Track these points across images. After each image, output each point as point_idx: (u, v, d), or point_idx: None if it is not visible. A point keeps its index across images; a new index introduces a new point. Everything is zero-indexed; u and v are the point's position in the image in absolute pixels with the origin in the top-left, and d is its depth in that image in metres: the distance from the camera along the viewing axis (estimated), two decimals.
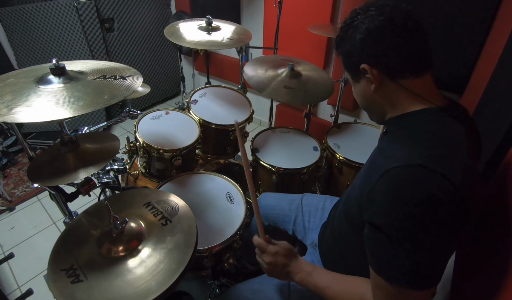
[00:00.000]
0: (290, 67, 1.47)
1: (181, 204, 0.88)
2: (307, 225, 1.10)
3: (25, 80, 0.87)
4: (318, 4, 1.97)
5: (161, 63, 3.15)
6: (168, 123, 1.41)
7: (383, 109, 0.72)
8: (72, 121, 2.62)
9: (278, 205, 1.19)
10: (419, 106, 0.66)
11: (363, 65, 0.67)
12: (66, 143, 0.94)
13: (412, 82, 0.65)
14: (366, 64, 0.67)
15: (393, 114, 0.70)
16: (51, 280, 0.69)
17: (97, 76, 0.93)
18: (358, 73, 0.70)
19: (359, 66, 0.68)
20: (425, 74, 0.66)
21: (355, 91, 0.76)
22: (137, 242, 0.76)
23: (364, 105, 0.77)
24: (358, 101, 0.78)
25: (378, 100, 0.71)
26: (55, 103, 0.78)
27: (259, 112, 2.78)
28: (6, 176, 2.30)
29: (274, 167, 1.39)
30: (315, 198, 1.17)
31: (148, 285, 0.66)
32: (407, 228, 0.55)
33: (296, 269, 0.80)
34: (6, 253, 1.69)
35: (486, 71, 1.29)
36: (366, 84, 0.70)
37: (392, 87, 0.67)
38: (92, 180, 1.01)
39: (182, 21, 1.60)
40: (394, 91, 0.67)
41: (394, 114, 0.70)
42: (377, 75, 0.66)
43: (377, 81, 0.67)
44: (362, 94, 0.74)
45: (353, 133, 1.65)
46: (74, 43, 2.46)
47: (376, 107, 0.73)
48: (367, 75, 0.68)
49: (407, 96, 0.67)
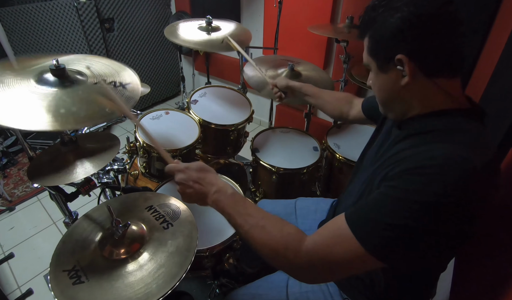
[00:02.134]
0: (290, 67, 1.47)
1: (182, 207, 0.88)
2: (301, 227, 1.09)
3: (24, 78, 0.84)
4: (318, 4, 1.97)
5: (161, 63, 3.15)
6: (168, 123, 1.41)
7: (409, 106, 0.64)
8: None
9: (274, 211, 1.18)
10: (446, 106, 0.61)
11: (400, 55, 0.58)
12: (66, 143, 0.94)
13: (445, 82, 0.60)
14: (404, 55, 0.58)
15: (416, 111, 0.63)
16: (53, 281, 0.69)
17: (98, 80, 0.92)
18: (388, 63, 0.61)
19: (394, 55, 0.59)
20: (457, 77, 0.61)
21: (377, 82, 0.67)
22: (139, 245, 0.76)
23: (385, 100, 0.68)
24: (377, 94, 0.69)
25: (405, 96, 0.63)
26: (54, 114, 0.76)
27: (259, 112, 2.78)
28: (6, 176, 2.30)
29: (274, 167, 1.39)
30: (309, 201, 1.18)
31: (149, 288, 0.66)
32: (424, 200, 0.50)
33: (212, 188, 0.72)
34: (6, 253, 1.69)
35: (486, 71, 1.29)
36: (395, 76, 0.62)
37: (424, 84, 0.60)
38: (92, 180, 1.01)
39: (182, 21, 1.60)
40: (425, 88, 0.61)
41: (417, 112, 0.63)
42: (413, 70, 0.58)
43: (411, 76, 0.59)
44: (387, 87, 0.65)
45: (353, 133, 1.65)
46: (74, 43, 2.46)
47: (401, 103, 0.65)
48: (399, 67, 0.60)
49: (437, 94, 0.60)
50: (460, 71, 0.60)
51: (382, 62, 0.63)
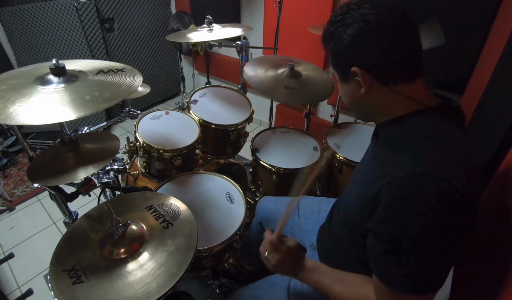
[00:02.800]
0: (290, 67, 1.47)
1: (182, 208, 0.88)
2: (304, 226, 1.10)
3: (25, 81, 0.86)
4: (318, 4, 1.97)
5: (161, 63, 3.15)
6: (168, 123, 1.41)
7: (373, 111, 0.69)
8: (72, 121, 2.62)
9: (276, 209, 1.19)
10: (411, 109, 0.64)
11: (354, 68, 0.63)
12: (66, 143, 0.94)
13: (404, 87, 0.63)
14: (357, 68, 0.62)
15: (385, 118, 0.67)
16: (53, 280, 0.69)
17: (97, 72, 0.94)
18: (348, 75, 0.66)
19: (349, 67, 0.64)
20: (417, 79, 0.63)
21: (342, 91, 0.73)
22: (139, 244, 0.76)
23: (351, 107, 0.73)
24: (345, 102, 0.75)
25: (367, 103, 0.68)
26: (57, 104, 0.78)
27: (259, 112, 2.78)
28: (6, 176, 2.30)
29: (274, 167, 1.39)
30: (312, 200, 1.18)
31: (149, 287, 0.66)
32: (412, 237, 0.54)
33: (299, 269, 0.79)
34: (6, 253, 1.69)
35: (486, 71, 1.29)
36: (355, 86, 0.66)
37: (384, 92, 0.64)
38: (92, 180, 1.01)
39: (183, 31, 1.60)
40: (386, 95, 0.64)
41: (385, 118, 0.67)
42: (368, 80, 0.63)
43: (367, 85, 0.63)
44: (350, 95, 0.70)
45: (353, 133, 1.65)
46: (74, 43, 2.46)
47: (365, 110, 0.71)
48: (357, 78, 0.64)
49: (399, 100, 0.64)
50: (420, 73, 0.63)
51: (342, 74, 0.68)
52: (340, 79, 0.70)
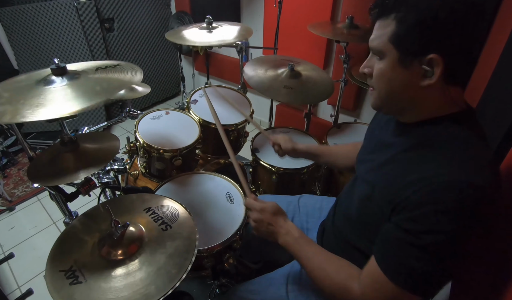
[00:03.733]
0: (290, 67, 1.47)
1: (181, 210, 0.88)
2: (306, 225, 1.10)
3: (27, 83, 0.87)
4: (318, 4, 1.97)
5: (161, 63, 3.15)
6: (168, 123, 1.41)
7: (414, 107, 0.59)
8: (72, 121, 2.61)
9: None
10: (449, 111, 0.58)
11: (433, 55, 0.50)
12: (66, 143, 0.94)
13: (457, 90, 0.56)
14: (438, 56, 0.49)
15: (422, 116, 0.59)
16: (50, 281, 0.69)
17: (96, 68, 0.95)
18: (414, 59, 0.52)
19: (425, 53, 0.50)
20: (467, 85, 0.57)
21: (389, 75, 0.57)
22: (137, 246, 0.76)
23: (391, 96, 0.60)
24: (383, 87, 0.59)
25: (416, 97, 0.57)
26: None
27: (259, 112, 2.78)
28: (6, 176, 2.30)
29: (274, 167, 1.39)
30: (312, 199, 1.18)
31: (148, 289, 0.66)
32: (439, 239, 0.53)
33: (282, 230, 0.79)
34: (6, 253, 1.69)
35: (486, 71, 1.29)
36: (416, 75, 0.53)
37: (442, 89, 0.54)
38: (92, 180, 1.01)
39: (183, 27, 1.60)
40: (440, 93, 0.55)
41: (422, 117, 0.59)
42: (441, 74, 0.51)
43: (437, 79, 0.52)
44: (401, 84, 0.56)
45: (353, 133, 1.65)
46: (74, 43, 2.46)
47: (406, 104, 0.60)
48: (425, 67, 0.52)
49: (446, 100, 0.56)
50: None
51: (406, 56, 0.53)
52: (398, 62, 0.55)
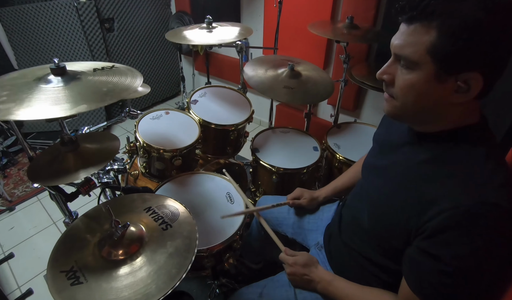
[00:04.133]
0: (290, 67, 1.47)
1: (181, 209, 0.88)
2: (307, 226, 1.10)
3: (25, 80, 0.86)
4: (318, 4, 1.97)
5: (161, 63, 3.15)
6: (168, 123, 1.41)
7: (434, 120, 0.58)
8: (72, 121, 2.62)
9: (276, 208, 1.18)
10: (466, 123, 0.57)
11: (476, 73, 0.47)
12: (66, 143, 0.94)
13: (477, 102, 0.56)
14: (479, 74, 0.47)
15: (441, 126, 0.58)
16: (51, 282, 0.69)
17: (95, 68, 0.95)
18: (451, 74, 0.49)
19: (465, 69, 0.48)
20: None
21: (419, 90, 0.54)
22: (138, 246, 0.76)
23: (417, 108, 0.57)
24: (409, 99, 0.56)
25: (443, 110, 0.56)
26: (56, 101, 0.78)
27: (259, 112, 2.78)
28: (6, 176, 2.30)
29: (274, 167, 1.39)
30: None
31: (148, 288, 0.66)
32: (467, 264, 0.53)
33: (316, 278, 0.82)
34: (6, 253, 1.69)
35: None
36: (450, 91, 0.51)
37: (468, 103, 0.53)
38: (92, 179, 1.01)
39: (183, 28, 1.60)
40: (467, 107, 0.55)
41: (442, 127, 0.58)
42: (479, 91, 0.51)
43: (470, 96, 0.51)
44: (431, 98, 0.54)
45: (353, 133, 1.65)
46: (74, 43, 2.46)
47: (427, 116, 0.58)
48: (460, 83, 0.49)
49: (464, 113, 0.56)
50: None
51: (444, 70, 0.49)
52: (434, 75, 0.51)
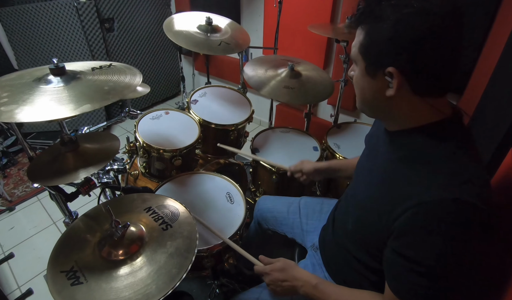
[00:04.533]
0: (290, 67, 1.47)
1: (181, 209, 0.88)
2: (305, 227, 1.10)
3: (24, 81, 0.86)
4: (318, 4, 1.97)
5: (161, 63, 3.15)
6: (168, 123, 1.41)
7: (391, 116, 0.63)
8: (72, 121, 2.62)
9: (275, 208, 1.18)
10: (431, 119, 0.58)
11: (391, 68, 0.54)
12: (66, 143, 0.94)
13: (434, 100, 0.57)
14: (395, 69, 0.53)
15: (402, 125, 0.61)
16: (51, 282, 0.69)
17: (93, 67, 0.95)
18: (378, 69, 0.56)
19: (385, 65, 0.54)
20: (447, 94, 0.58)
21: (361, 82, 0.62)
22: (138, 246, 0.76)
23: (366, 103, 0.64)
24: (359, 93, 0.64)
25: (388, 106, 0.60)
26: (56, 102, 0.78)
27: (259, 112, 2.78)
28: (6, 176, 2.30)
29: (274, 167, 1.39)
30: (313, 201, 1.17)
31: (149, 289, 0.66)
32: (439, 264, 0.53)
33: (298, 283, 0.79)
34: (6, 253, 1.69)
35: (486, 71, 1.29)
36: (381, 85, 0.57)
37: (410, 99, 0.57)
38: (92, 179, 1.01)
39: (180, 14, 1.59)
40: (411, 102, 0.57)
41: (403, 126, 0.61)
42: (401, 85, 0.55)
43: (397, 90, 0.55)
44: (370, 92, 0.61)
45: (353, 133, 1.65)
46: (74, 43, 2.46)
47: (382, 112, 0.63)
48: (387, 78, 0.56)
49: (423, 109, 0.58)
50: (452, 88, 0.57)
51: (372, 67, 0.58)
52: (365, 71, 0.59)
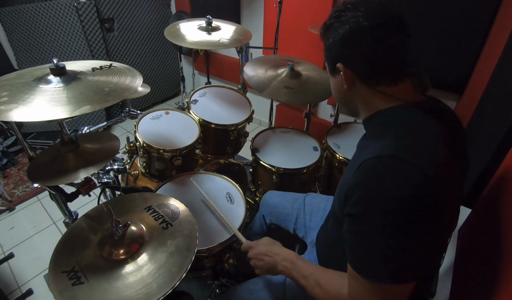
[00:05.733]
0: (290, 67, 1.47)
1: (181, 208, 0.88)
2: (308, 223, 1.11)
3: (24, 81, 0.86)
4: (318, 4, 1.97)
5: (161, 63, 3.15)
6: (168, 123, 1.41)
7: (356, 106, 0.73)
8: (72, 121, 2.62)
9: (281, 203, 1.19)
10: (391, 104, 0.66)
11: (338, 64, 0.67)
12: (66, 143, 0.94)
13: (386, 89, 0.66)
14: (341, 64, 0.67)
15: (367, 113, 0.71)
16: (52, 282, 0.69)
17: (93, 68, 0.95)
18: (334, 69, 0.70)
19: (336, 63, 0.68)
20: (401, 83, 0.66)
21: (331, 84, 0.78)
22: (138, 245, 0.76)
23: (338, 100, 0.80)
24: (333, 95, 0.80)
25: (351, 98, 0.72)
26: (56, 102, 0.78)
27: (259, 112, 2.78)
28: (6, 176, 2.30)
29: (274, 167, 1.39)
30: (318, 198, 1.18)
31: (149, 288, 0.66)
32: (380, 217, 0.55)
33: (278, 258, 0.81)
34: (6, 253, 1.69)
35: (486, 71, 1.29)
36: (340, 81, 0.71)
37: (365, 90, 0.68)
38: (92, 179, 1.01)
39: (183, 21, 1.60)
40: (367, 93, 0.68)
41: (367, 114, 0.71)
42: (351, 77, 0.67)
43: (348, 82, 0.68)
44: (336, 89, 0.75)
45: (353, 133, 1.65)
46: (74, 43, 2.46)
47: (349, 104, 0.75)
48: (341, 74, 0.69)
49: (380, 98, 0.67)
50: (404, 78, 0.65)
51: (331, 68, 0.72)
52: (329, 72, 0.75)
